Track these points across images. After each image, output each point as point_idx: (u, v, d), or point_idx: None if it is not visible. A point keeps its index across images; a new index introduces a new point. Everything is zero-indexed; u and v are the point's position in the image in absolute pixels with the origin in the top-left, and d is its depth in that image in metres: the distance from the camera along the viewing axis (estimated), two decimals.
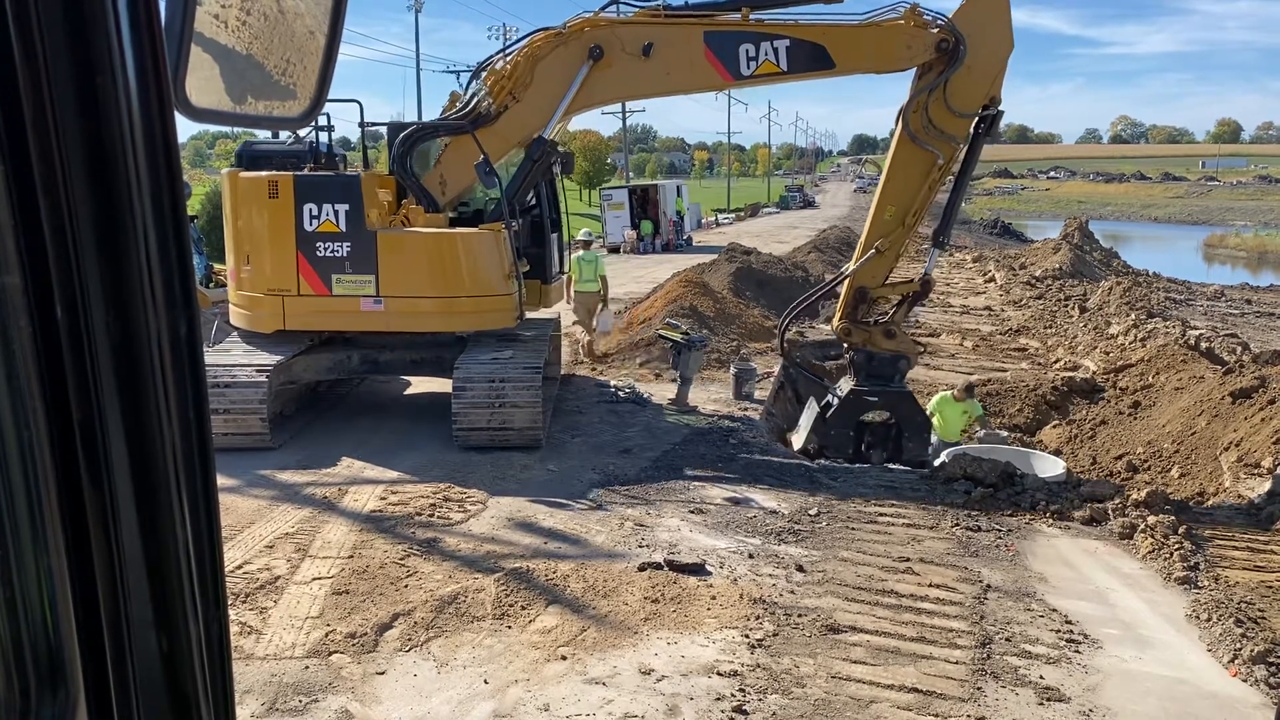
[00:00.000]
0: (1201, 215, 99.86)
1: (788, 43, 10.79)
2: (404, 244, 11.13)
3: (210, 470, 1.06)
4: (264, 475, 9.81)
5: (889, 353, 11.37)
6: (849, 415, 11.48)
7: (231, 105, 1.47)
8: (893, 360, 11.41)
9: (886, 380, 11.43)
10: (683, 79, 11.35)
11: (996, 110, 10.84)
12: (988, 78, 10.63)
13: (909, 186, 11.07)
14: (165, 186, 0.97)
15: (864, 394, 11.42)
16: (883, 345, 11.35)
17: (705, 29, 10.93)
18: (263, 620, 6.66)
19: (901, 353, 11.47)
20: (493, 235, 11.28)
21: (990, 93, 10.68)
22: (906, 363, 11.59)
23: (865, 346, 11.38)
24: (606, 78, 11.16)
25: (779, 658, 6.26)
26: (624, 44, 10.97)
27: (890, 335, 11.42)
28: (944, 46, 10.53)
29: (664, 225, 41.18)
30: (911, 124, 10.78)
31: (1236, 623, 6.82)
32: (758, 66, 10.84)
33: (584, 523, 8.71)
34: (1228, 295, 31.68)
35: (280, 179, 11.17)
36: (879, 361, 11.38)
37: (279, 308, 11.24)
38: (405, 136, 11.65)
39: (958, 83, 10.56)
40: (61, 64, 0.88)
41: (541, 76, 11.17)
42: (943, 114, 10.69)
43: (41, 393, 0.93)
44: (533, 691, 5.81)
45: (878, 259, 11.29)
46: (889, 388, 11.44)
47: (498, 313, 11.39)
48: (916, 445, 11.47)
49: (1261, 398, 12.78)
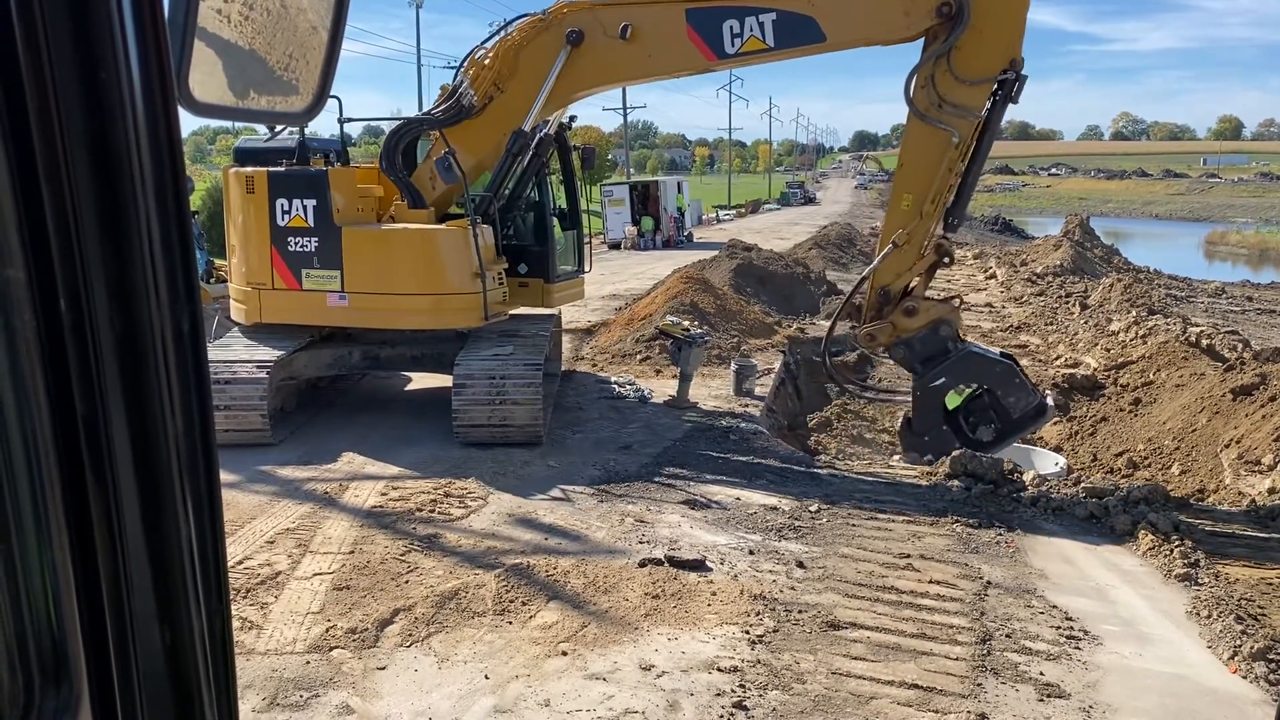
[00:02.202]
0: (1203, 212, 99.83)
1: (774, 15, 10.07)
2: (368, 240, 11.06)
3: (213, 464, 1.06)
4: (265, 471, 9.82)
5: (923, 329, 10.34)
6: (930, 410, 10.51)
7: (234, 100, 1.47)
8: (932, 333, 10.33)
9: (941, 356, 10.34)
10: (664, 60, 10.76)
11: (1018, 74, 9.71)
12: (1002, 38, 9.68)
13: (924, 171, 10.07)
14: (168, 181, 0.97)
15: (928, 382, 10.42)
16: (912, 326, 10.34)
17: (687, 6, 10.38)
18: (264, 615, 6.67)
19: (934, 320, 10.40)
20: (459, 232, 11.05)
21: (1009, 54, 9.66)
22: (947, 325, 10.42)
23: (897, 339, 10.44)
24: (587, 63, 10.76)
25: (779, 654, 6.27)
26: (604, 27, 10.58)
27: (911, 313, 10.36)
28: (945, 11, 9.62)
29: (665, 221, 41.20)
30: (918, 102, 9.88)
31: (1236, 619, 6.82)
32: (743, 44, 10.19)
33: (584, 519, 8.72)
34: (1229, 292, 31.69)
35: (256, 174, 11.17)
36: (920, 343, 10.35)
37: (258, 301, 11.30)
38: (393, 132, 11.61)
39: (966, 48, 9.62)
40: (65, 59, 0.89)
41: (525, 65, 10.87)
42: (951, 85, 9.72)
43: (45, 387, 0.93)
44: (533, 687, 5.81)
45: (897, 254, 10.35)
46: (948, 360, 10.34)
47: (463, 311, 11.13)
48: (1018, 395, 10.27)
49: (1262, 395, 12.79)
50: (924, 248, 10.43)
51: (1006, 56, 9.69)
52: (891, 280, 10.45)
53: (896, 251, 10.32)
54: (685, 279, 19.91)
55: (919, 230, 10.19)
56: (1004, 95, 9.82)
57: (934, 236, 10.45)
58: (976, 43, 9.66)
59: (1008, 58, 9.69)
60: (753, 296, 21.01)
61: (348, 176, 11.50)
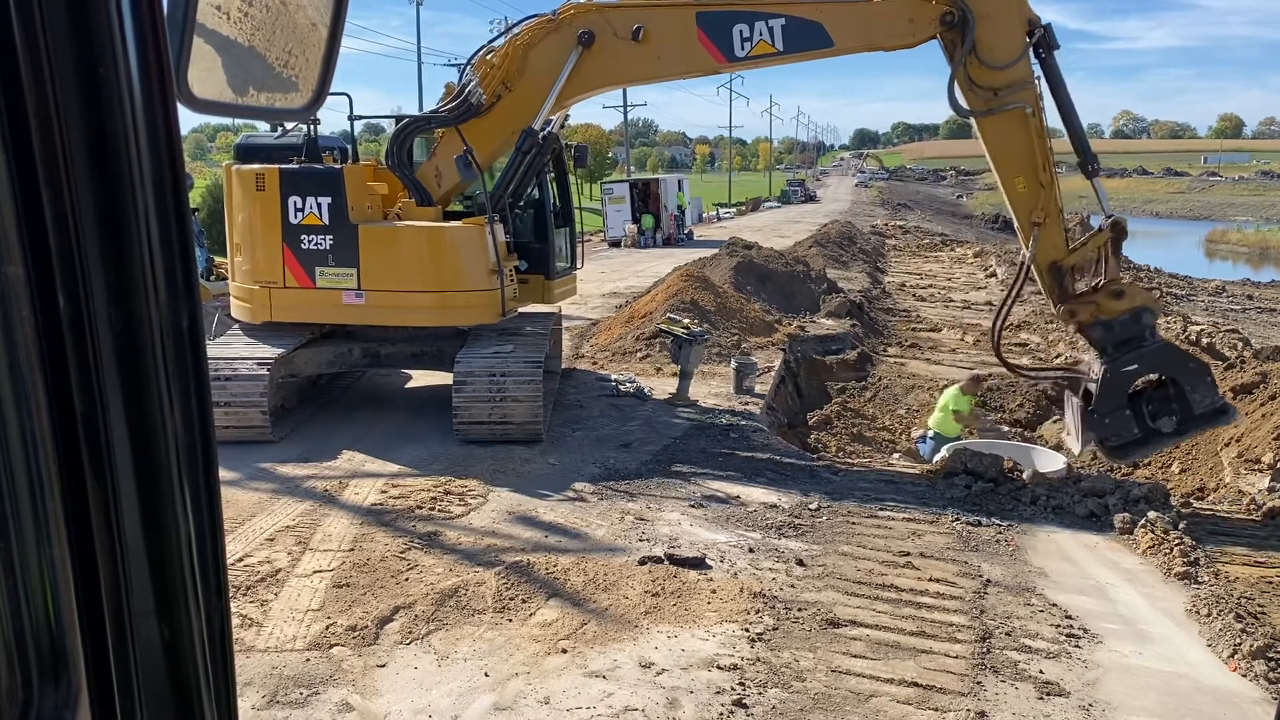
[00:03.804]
0: (1203, 211, 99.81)
1: (783, 21, 10.32)
2: (385, 237, 11.08)
3: (212, 461, 1.06)
4: (265, 468, 9.82)
5: (1125, 313, 10.12)
6: (1117, 394, 10.17)
7: (233, 97, 1.46)
8: (1134, 319, 10.12)
9: (1136, 342, 10.12)
10: (675, 63, 10.95)
11: (1041, 26, 9.80)
12: (1010, 11, 9.84)
13: (1020, 151, 10.10)
14: (167, 178, 0.97)
15: (1120, 366, 10.13)
16: (1116, 309, 10.10)
17: (699, 9, 10.57)
18: (263, 613, 6.67)
19: (1138, 307, 10.21)
20: (476, 230, 11.16)
21: (1024, 20, 9.80)
22: (1149, 314, 10.30)
23: (1097, 318, 10.18)
24: (597, 64, 10.88)
25: (779, 652, 6.27)
26: (615, 28, 10.69)
27: (1119, 295, 10.16)
28: (950, 20, 9.82)
29: (665, 219, 41.16)
30: (973, 105, 9.99)
31: (1236, 618, 6.83)
32: (752, 47, 10.42)
33: (584, 516, 8.72)
34: (1229, 291, 31.68)
35: (267, 172, 11.16)
36: (1120, 326, 10.11)
37: (267, 299, 11.28)
38: (399, 129, 11.62)
39: (985, 38, 9.76)
40: (64, 55, 0.88)
41: (534, 65, 10.96)
42: (992, 75, 9.81)
43: (44, 383, 0.93)
44: (533, 684, 5.82)
45: (1045, 231, 10.19)
46: (1143, 348, 10.13)
47: (480, 308, 11.25)
48: (1204, 392, 10.05)
49: (1262, 393, 12.80)
50: (1063, 212, 10.51)
51: (1024, 23, 9.82)
52: (1058, 256, 10.30)
53: (1043, 229, 10.20)
54: (686, 277, 19.90)
55: (1049, 200, 10.17)
56: (1044, 50, 9.92)
57: (1105, 218, 10.46)
58: (992, 29, 9.78)
59: (1025, 22, 9.82)
60: (753, 294, 20.99)
61: (361, 174, 11.52)
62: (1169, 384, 10.15)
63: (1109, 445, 10.25)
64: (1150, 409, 10.14)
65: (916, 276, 32.18)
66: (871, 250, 38.05)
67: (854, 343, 18.46)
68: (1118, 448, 10.22)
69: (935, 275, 32.58)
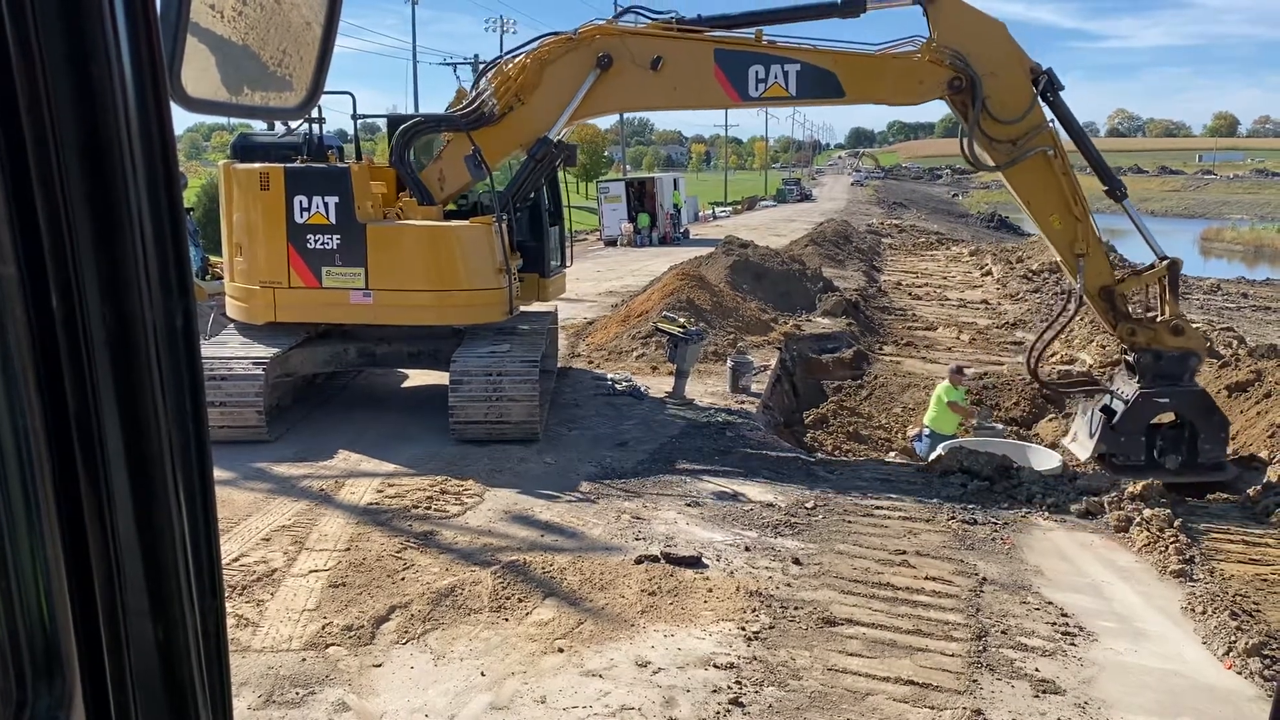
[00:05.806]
0: (1198, 209, 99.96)
1: (798, 67, 10.68)
2: (394, 237, 11.08)
3: (206, 460, 1.06)
4: (260, 468, 9.81)
5: (1177, 350, 10.61)
6: (1139, 420, 10.67)
7: (228, 96, 1.46)
8: (1182, 358, 10.63)
9: (1175, 379, 10.61)
10: (689, 95, 11.26)
11: (1043, 72, 10.43)
12: (1012, 66, 10.38)
13: (1049, 191, 10.68)
14: (161, 176, 0.97)
15: (1153, 396, 10.59)
16: (1170, 343, 10.61)
17: (717, 46, 10.86)
18: (259, 613, 6.66)
19: (1190, 350, 10.70)
20: (484, 229, 11.23)
21: (1026, 70, 10.40)
22: (1196, 359, 10.80)
23: (1151, 346, 10.65)
24: (613, 87, 11.11)
25: (775, 650, 6.28)
26: (634, 55, 10.91)
27: (1179, 331, 10.64)
28: (957, 85, 10.38)
29: (661, 218, 41.16)
30: (997, 160, 10.57)
31: (1231, 615, 6.84)
32: (766, 89, 10.75)
33: (581, 515, 8.72)
34: (1224, 289, 31.69)
35: (271, 171, 11.13)
36: (1168, 360, 10.60)
37: (270, 299, 11.24)
38: (405, 129, 11.62)
39: (994, 96, 10.33)
40: (57, 54, 0.88)
41: (549, 81, 11.14)
42: (1007, 129, 10.39)
43: (37, 383, 0.93)
44: (530, 684, 5.82)
45: (1090, 260, 10.76)
46: (1178, 387, 10.61)
47: (488, 306, 11.33)
48: (1214, 448, 10.55)
49: (1257, 391, 12.83)
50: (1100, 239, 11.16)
51: (1027, 73, 10.43)
52: (1107, 280, 10.91)
53: (1088, 259, 10.78)
54: (682, 276, 19.91)
55: (1087, 231, 10.71)
56: (1051, 93, 10.47)
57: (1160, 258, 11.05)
58: (998, 84, 10.40)
59: (1026, 72, 10.43)
60: (749, 293, 21.00)
61: (366, 173, 11.52)
62: (1186, 426, 10.65)
63: (1114, 461, 10.73)
64: (1160, 443, 10.66)
65: (912, 275, 32.20)
66: (867, 249, 38.06)
67: (850, 341, 18.48)
68: (1120, 467, 10.65)
69: (931, 274, 32.60)
